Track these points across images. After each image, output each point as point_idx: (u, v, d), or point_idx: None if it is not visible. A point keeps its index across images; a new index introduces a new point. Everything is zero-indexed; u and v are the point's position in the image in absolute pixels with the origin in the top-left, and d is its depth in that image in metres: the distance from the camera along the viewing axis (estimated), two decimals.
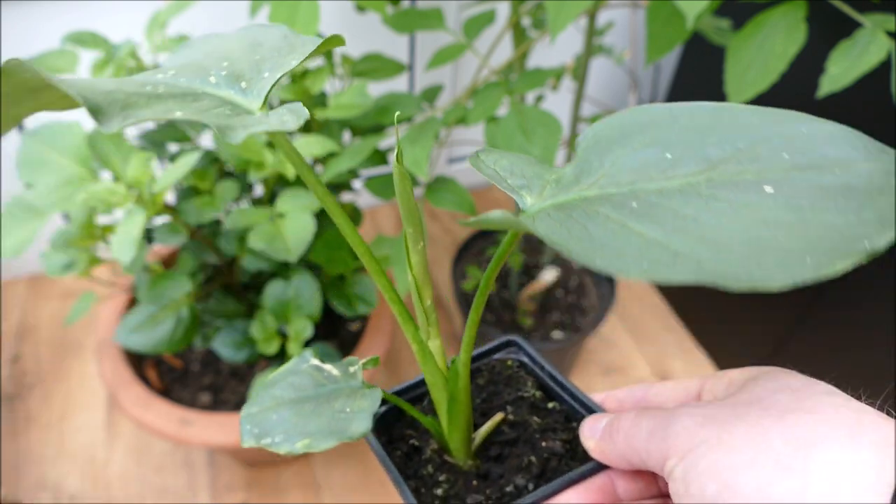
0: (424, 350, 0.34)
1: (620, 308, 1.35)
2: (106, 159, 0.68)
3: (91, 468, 1.03)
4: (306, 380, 0.34)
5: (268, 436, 0.30)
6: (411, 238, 0.31)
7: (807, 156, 0.22)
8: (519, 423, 0.36)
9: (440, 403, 0.34)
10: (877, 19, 0.60)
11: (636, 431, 0.29)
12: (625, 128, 0.26)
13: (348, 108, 0.74)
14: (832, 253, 0.18)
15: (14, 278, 1.34)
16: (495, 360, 0.40)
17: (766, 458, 0.23)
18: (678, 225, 0.21)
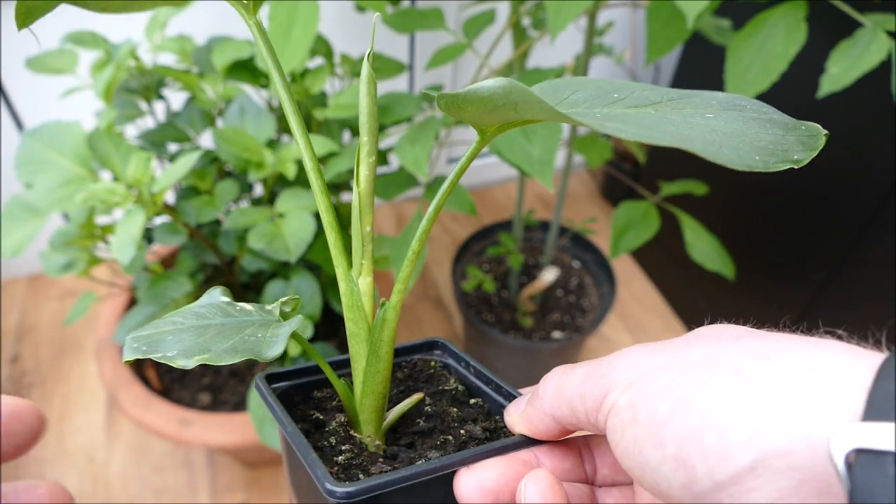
0: (353, 290, 0.30)
1: (620, 308, 1.35)
2: (106, 159, 0.68)
3: (91, 468, 1.03)
4: (214, 310, 0.30)
5: (159, 351, 0.27)
6: (365, 148, 0.28)
7: (730, 104, 0.27)
8: (436, 415, 0.33)
9: (358, 359, 0.30)
10: (877, 19, 0.60)
11: (568, 379, 0.26)
12: (569, 82, 0.29)
13: (348, 108, 0.74)
14: (772, 157, 0.23)
15: (13, 278, 1.34)
16: (417, 359, 0.37)
17: (724, 370, 0.21)
18: (644, 125, 0.24)
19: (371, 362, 0.30)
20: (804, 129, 0.26)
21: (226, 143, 0.71)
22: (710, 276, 1.16)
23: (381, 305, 0.30)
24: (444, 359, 0.37)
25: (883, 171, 0.84)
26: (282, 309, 0.30)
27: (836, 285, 0.95)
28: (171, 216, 0.70)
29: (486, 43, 1.20)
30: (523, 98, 0.20)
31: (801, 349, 0.21)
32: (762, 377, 0.20)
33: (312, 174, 0.29)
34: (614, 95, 0.27)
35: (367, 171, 0.29)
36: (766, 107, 0.27)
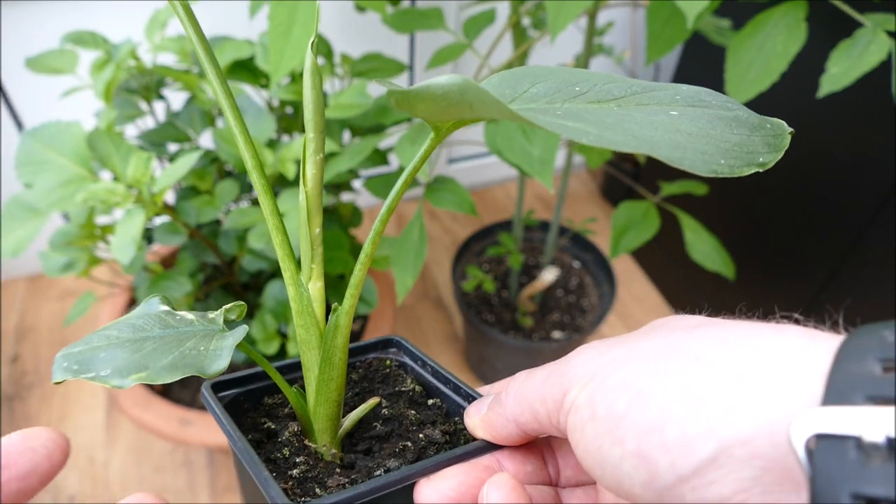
0: (302, 294, 0.28)
1: (620, 308, 1.35)
2: (105, 159, 0.68)
3: (91, 468, 1.03)
4: (152, 322, 0.28)
5: (91, 370, 0.25)
6: (311, 145, 0.26)
7: (695, 99, 0.26)
8: (393, 418, 0.32)
9: (310, 367, 0.29)
10: (877, 19, 0.60)
11: (528, 383, 0.25)
12: (530, 72, 0.27)
13: (348, 108, 0.74)
14: (738, 160, 0.23)
15: (13, 278, 1.34)
16: (372, 358, 0.35)
17: (682, 359, 0.20)
18: (607, 126, 0.23)
19: (324, 370, 0.29)
20: (769, 127, 0.25)
21: (226, 143, 0.71)
22: (710, 276, 1.16)
23: (334, 311, 0.28)
24: (401, 357, 0.35)
25: (883, 171, 0.84)
26: (226, 316, 0.28)
27: (835, 285, 0.95)
28: (171, 216, 0.70)
29: (486, 43, 1.20)
30: (478, 98, 0.19)
31: (759, 335, 0.20)
32: (721, 364, 0.19)
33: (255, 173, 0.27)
34: (576, 88, 0.26)
35: (315, 170, 0.27)
36: (731, 102, 0.26)
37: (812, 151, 0.94)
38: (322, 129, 0.26)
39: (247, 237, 0.71)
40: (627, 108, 0.25)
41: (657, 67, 1.52)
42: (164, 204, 0.69)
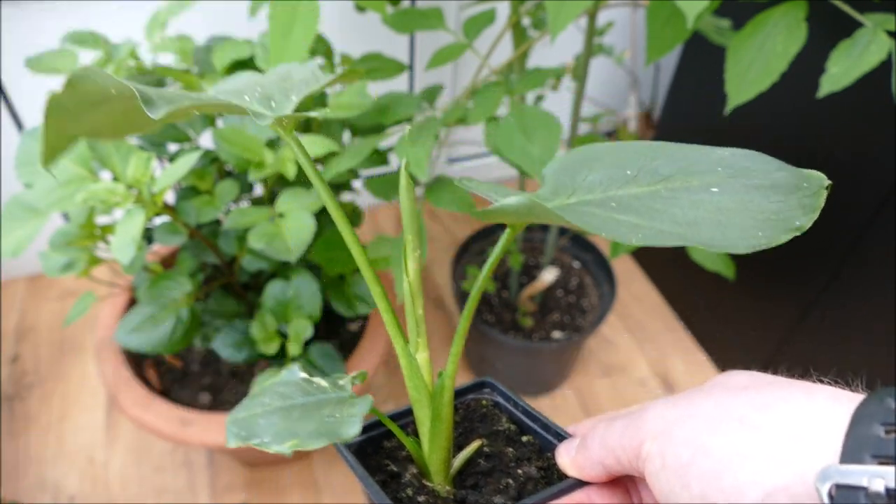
0: (412, 363, 0.34)
1: (620, 308, 1.35)
2: (105, 159, 0.68)
3: (91, 468, 1.03)
4: (295, 390, 0.34)
5: (256, 437, 0.31)
6: (410, 245, 0.32)
7: (734, 168, 0.28)
8: (494, 455, 0.37)
9: (423, 421, 0.34)
10: (877, 19, 0.60)
11: (610, 433, 0.30)
12: (584, 157, 0.31)
13: (348, 108, 0.74)
14: (775, 229, 0.25)
15: (13, 278, 1.34)
16: (470, 399, 0.40)
17: (731, 420, 0.26)
18: (654, 215, 0.26)
19: (435, 424, 0.34)
20: (806, 186, 0.27)
21: (226, 143, 0.71)
22: (710, 276, 1.16)
23: (439, 375, 0.34)
24: (494, 397, 0.40)
25: (883, 171, 0.84)
26: (352, 382, 0.35)
27: (836, 285, 0.95)
28: (171, 216, 0.70)
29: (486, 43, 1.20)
30: (543, 212, 0.25)
31: (794, 398, 0.25)
32: (763, 425, 0.25)
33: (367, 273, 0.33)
34: (627, 172, 0.29)
35: (415, 264, 0.33)
36: (770, 163, 0.28)
37: (812, 151, 0.94)
38: (417, 231, 0.33)
39: (247, 237, 0.71)
40: (673, 186, 0.28)
41: (657, 67, 1.52)
42: (164, 204, 0.69)
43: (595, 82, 1.54)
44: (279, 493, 1.01)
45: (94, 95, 0.24)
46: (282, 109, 0.30)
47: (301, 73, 0.34)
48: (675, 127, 1.25)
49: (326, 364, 0.79)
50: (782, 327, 1.06)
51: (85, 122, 0.25)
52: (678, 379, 1.23)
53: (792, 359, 1.06)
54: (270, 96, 0.32)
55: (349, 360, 0.87)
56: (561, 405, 1.18)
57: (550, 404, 1.18)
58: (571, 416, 1.16)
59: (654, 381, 1.22)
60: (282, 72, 0.34)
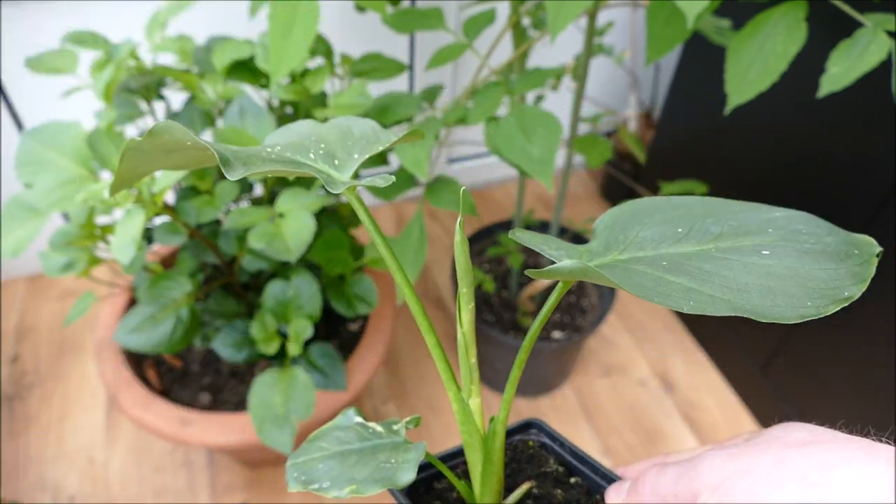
0: (465, 409, 0.35)
1: (620, 308, 1.35)
2: (106, 159, 0.68)
3: (90, 468, 1.03)
4: (351, 434, 0.35)
5: (315, 482, 0.32)
6: (464, 298, 0.33)
7: (786, 230, 0.28)
8: (543, 497, 0.37)
9: (474, 465, 0.35)
10: (877, 19, 0.60)
11: (662, 479, 0.31)
12: (636, 212, 0.32)
13: (348, 108, 0.74)
14: (824, 299, 0.25)
15: (13, 278, 1.34)
16: (517, 440, 0.41)
17: (793, 479, 0.26)
18: (704, 277, 0.26)
19: (486, 468, 0.35)
20: (857, 253, 0.28)
21: (226, 142, 0.71)
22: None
23: (491, 420, 0.35)
24: (541, 438, 0.41)
25: (883, 171, 0.84)
26: (406, 427, 0.36)
27: None
28: (171, 216, 0.70)
29: (486, 43, 1.20)
30: (595, 275, 0.25)
31: (855, 459, 0.25)
32: (825, 485, 0.25)
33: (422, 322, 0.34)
34: (679, 231, 0.30)
35: (468, 315, 0.34)
36: (821, 227, 0.28)
37: (812, 151, 0.94)
38: (472, 284, 0.33)
39: (247, 237, 0.71)
40: (724, 245, 0.29)
41: (657, 67, 1.52)
42: (164, 204, 0.69)
43: (595, 82, 1.54)
44: (279, 493, 1.01)
45: (170, 145, 0.26)
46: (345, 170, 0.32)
47: (360, 128, 0.35)
48: (675, 127, 1.25)
49: (326, 364, 0.79)
50: (782, 327, 1.06)
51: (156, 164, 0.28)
52: (678, 379, 1.23)
53: (791, 359, 1.06)
54: (333, 154, 0.33)
55: (349, 360, 0.87)
56: (561, 405, 1.18)
57: (550, 404, 1.18)
58: (571, 416, 1.16)
59: (654, 381, 1.22)
60: (342, 125, 0.35)
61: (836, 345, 0.97)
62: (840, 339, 0.97)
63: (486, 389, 1.19)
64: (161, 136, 0.25)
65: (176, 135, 0.26)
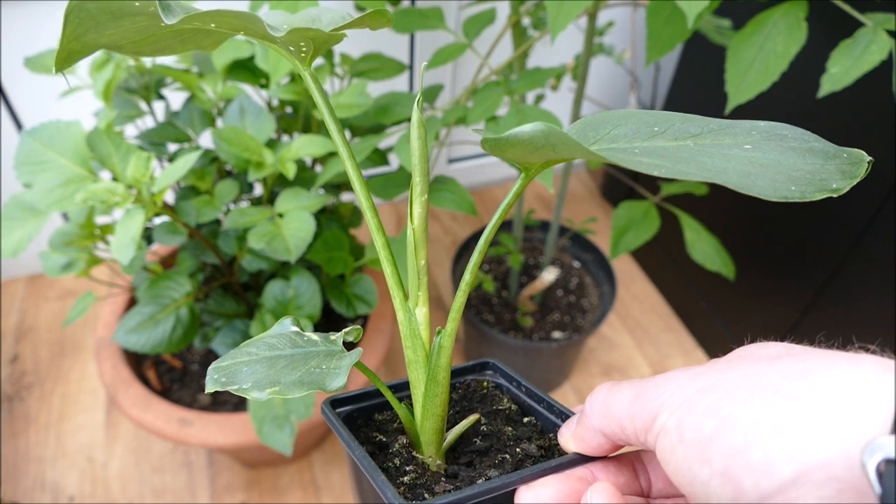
0: (411, 320, 0.32)
1: (620, 308, 1.35)
2: (105, 159, 0.68)
3: (90, 468, 1.03)
4: (284, 341, 0.33)
5: (235, 383, 0.29)
6: (417, 188, 0.30)
7: (770, 133, 0.27)
8: (491, 434, 0.35)
9: (417, 385, 0.33)
10: (878, 18, 0.60)
11: (616, 398, 0.27)
12: (611, 116, 0.29)
13: (348, 108, 0.74)
14: (809, 186, 0.23)
15: (13, 278, 1.33)
16: (470, 379, 0.38)
17: (764, 390, 0.22)
18: (680, 160, 0.24)
19: (430, 387, 0.32)
20: (845, 156, 0.25)
21: (226, 142, 0.71)
22: (710, 276, 1.16)
23: (438, 333, 0.32)
24: (496, 379, 0.38)
25: (883, 171, 0.84)
26: (345, 338, 0.33)
27: (836, 285, 0.95)
28: (171, 216, 0.70)
29: (486, 43, 1.20)
30: (560, 140, 0.22)
31: (835, 366, 0.22)
32: (800, 395, 0.22)
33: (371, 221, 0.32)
34: (655, 129, 0.28)
35: (420, 209, 0.31)
36: (807, 135, 0.27)
37: None
38: (426, 173, 0.30)
39: (247, 237, 0.71)
40: (703, 143, 0.27)
41: (657, 67, 1.52)
42: (164, 204, 0.69)
43: (595, 82, 1.54)
44: (279, 493, 1.01)
45: (116, 6, 0.24)
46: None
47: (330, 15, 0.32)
48: None
49: None
50: (782, 327, 1.06)
51: (105, 33, 0.25)
52: None
53: None
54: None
55: None
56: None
57: None
58: None
59: None
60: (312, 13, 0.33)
61: (837, 345, 0.97)
62: (840, 340, 0.97)
63: None
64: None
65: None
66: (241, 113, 0.75)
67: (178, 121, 0.80)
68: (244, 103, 0.75)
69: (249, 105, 0.75)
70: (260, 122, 0.74)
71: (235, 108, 0.75)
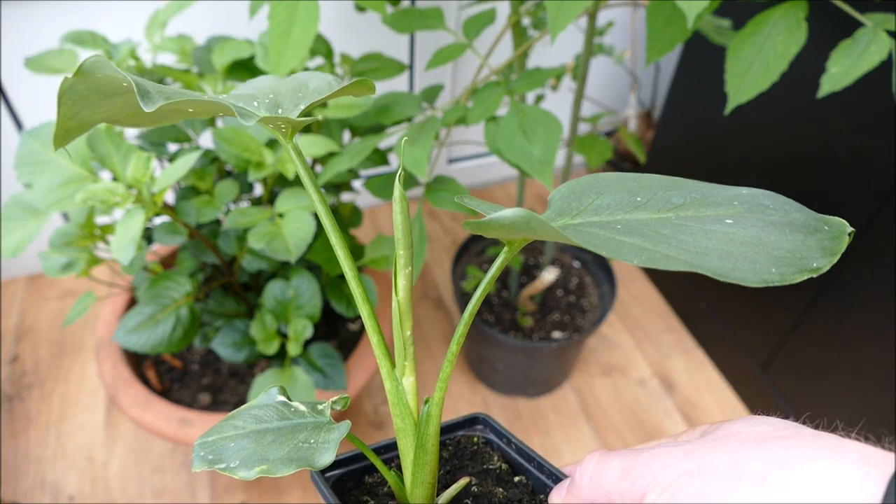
0: (398, 389, 0.32)
1: (620, 308, 1.35)
2: (105, 159, 0.68)
3: (90, 468, 1.03)
4: (271, 413, 0.32)
5: (223, 461, 0.29)
6: (401, 260, 0.30)
7: (752, 204, 0.27)
8: (482, 495, 0.34)
9: (406, 452, 0.32)
10: (877, 18, 0.60)
11: (604, 471, 0.28)
12: (595, 182, 0.30)
13: (348, 108, 0.74)
14: (790, 267, 0.24)
15: (13, 278, 1.33)
16: (460, 435, 0.38)
17: (750, 480, 0.23)
18: (661, 240, 0.25)
19: (419, 455, 0.32)
20: (826, 229, 0.26)
21: (226, 143, 0.71)
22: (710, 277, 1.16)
23: (426, 402, 0.31)
24: (486, 434, 0.38)
25: (883, 171, 0.84)
26: (332, 407, 0.32)
27: (835, 285, 0.95)
28: (171, 216, 0.70)
29: (486, 43, 1.20)
30: (540, 226, 0.23)
31: (819, 458, 0.23)
32: (784, 487, 0.22)
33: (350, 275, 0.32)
34: (637, 199, 0.28)
35: (405, 281, 0.31)
36: (789, 204, 0.27)
37: (812, 151, 0.94)
38: (410, 246, 0.30)
39: (247, 237, 0.71)
40: (685, 215, 0.27)
41: (657, 67, 1.52)
42: (164, 204, 0.69)
43: (595, 82, 1.54)
44: (279, 493, 1.01)
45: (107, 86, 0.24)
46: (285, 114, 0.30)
47: (317, 81, 0.33)
48: (675, 127, 1.25)
49: (326, 364, 0.79)
50: (782, 327, 1.06)
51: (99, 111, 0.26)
52: (678, 379, 1.23)
53: (791, 359, 1.06)
54: (279, 104, 0.31)
55: (349, 360, 0.87)
56: (561, 405, 1.18)
57: (550, 404, 1.18)
58: (571, 415, 1.16)
59: (654, 381, 1.22)
60: (300, 79, 0.33)
61: (837, 345, 0.97)
62: (840, 340, 0.97)
63: (487, 390, 1.19)
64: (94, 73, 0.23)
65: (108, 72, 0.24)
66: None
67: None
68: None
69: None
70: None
71: None
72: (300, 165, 0.31)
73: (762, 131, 1.01)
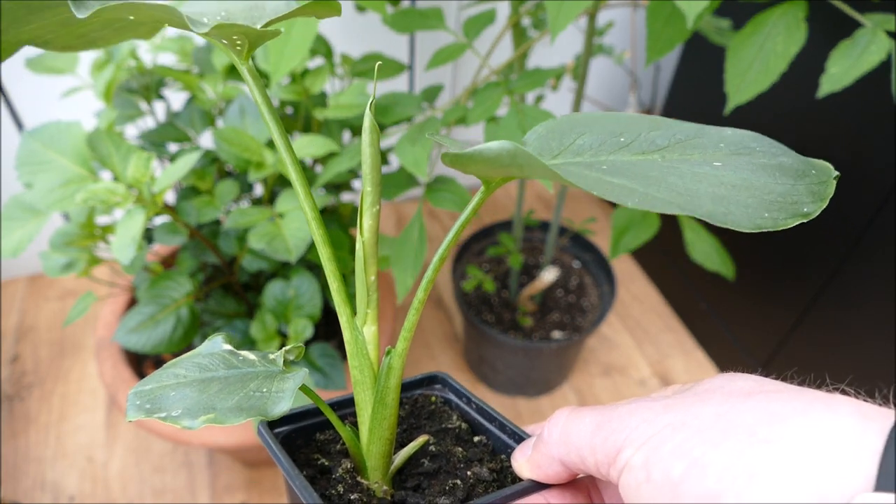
0: (357, 338, 0.29)
1: (620, 308, 1.35)
2: (106, 159, 0.68)
3: (90, 468, 1.03)
4: (216, 361, 0.29)
5: (162, 410, 0.26)
6: (368, 198, 0.28)
7: (739, 147, 0.26)
8: (441, 455, 0.32)
9: (363, 407, 0.30)
10: (877, 19, 0.60)
11: (576, 427, 0.26)
12: (574, 122, 0.28)
13: (348, 108, 0.74)
14: (782, 212, 0.23)
15: (13, 278, 1.34)
16: (418, 394, 0.36)
17: (738, 432, 0.21)
18: (651, 182, 0.23)
19: (377, 410, 0.30)
20: (814, 173, 0.25)
21: (226, 143, 0.71)
22: (710, 276, 1.16)
23: (387, 353, 0.29)
24: (445, 394, 0.36)
25: (883, 171, 0.84)
26: (285, 358, 0.30)
27: (836, 285, 0.95)
28: (172, 216, 0.70)
29: (486, 43, 1.20)
30: (527, 161, 0.21)
31: (812, 411, 0.21)
32: (776, 440, 0.21)
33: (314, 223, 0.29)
34: (621, 139, 0.27)
35: (371, 222, 0.28)
36: (776, 146, 0.26)
37: (812, 151, 0.94)
38: (379, 182, 0.28)
39: (247, 237, 0.71)
40: (671, 158, 0.26)
41: (657, 67, 1.52)
42: (165, 204, 0.69)
43: (595, 82, 1.54)
44: (279, 493, 1.01)
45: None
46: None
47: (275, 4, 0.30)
48: None
49: (326, 364, 0.79)
50: (782, 327, 1.06)
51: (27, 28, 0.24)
52: (678, 379, 1.23)
53: (791, 359, 1.06)
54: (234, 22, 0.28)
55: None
56: (561, 405, 1.18)
57: (550, 404, 1.18)
58: None
59: (654, 381, 1.22)
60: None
61: (837, 345, 0.97)
62: (840, 340, 0.97)
63: (487, 390, 1.19)
64: None
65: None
66: (242, 113, 0.75)
67: (178, 121, 0.80)
68: (244, 104, 0.75)
69: (250, 105, 0.75)
70: (260, 122, 0.74)
71: (236, 109, 0.75)
72: (258, 92, 0.28)
73: (762, 131, 1.01)
